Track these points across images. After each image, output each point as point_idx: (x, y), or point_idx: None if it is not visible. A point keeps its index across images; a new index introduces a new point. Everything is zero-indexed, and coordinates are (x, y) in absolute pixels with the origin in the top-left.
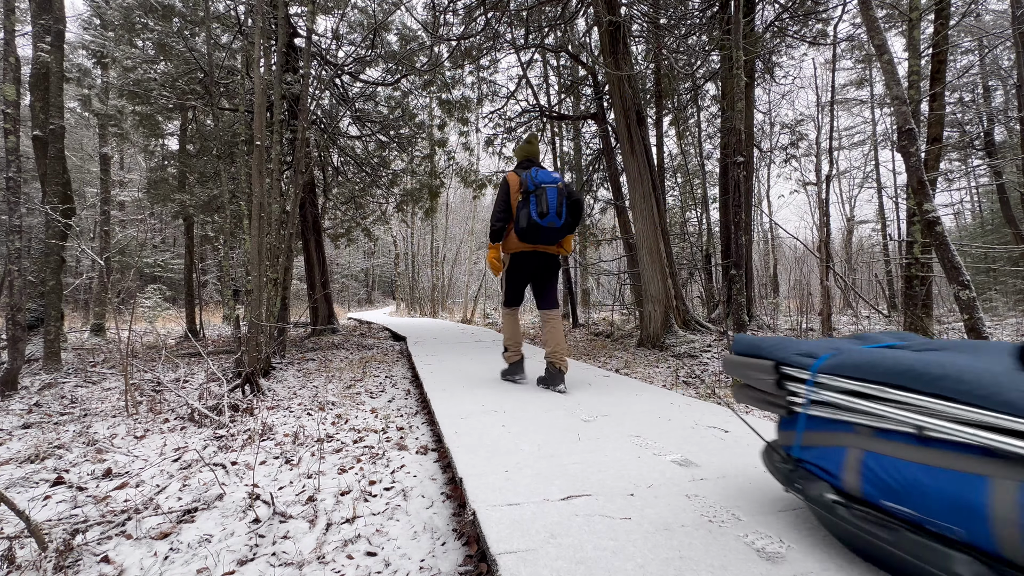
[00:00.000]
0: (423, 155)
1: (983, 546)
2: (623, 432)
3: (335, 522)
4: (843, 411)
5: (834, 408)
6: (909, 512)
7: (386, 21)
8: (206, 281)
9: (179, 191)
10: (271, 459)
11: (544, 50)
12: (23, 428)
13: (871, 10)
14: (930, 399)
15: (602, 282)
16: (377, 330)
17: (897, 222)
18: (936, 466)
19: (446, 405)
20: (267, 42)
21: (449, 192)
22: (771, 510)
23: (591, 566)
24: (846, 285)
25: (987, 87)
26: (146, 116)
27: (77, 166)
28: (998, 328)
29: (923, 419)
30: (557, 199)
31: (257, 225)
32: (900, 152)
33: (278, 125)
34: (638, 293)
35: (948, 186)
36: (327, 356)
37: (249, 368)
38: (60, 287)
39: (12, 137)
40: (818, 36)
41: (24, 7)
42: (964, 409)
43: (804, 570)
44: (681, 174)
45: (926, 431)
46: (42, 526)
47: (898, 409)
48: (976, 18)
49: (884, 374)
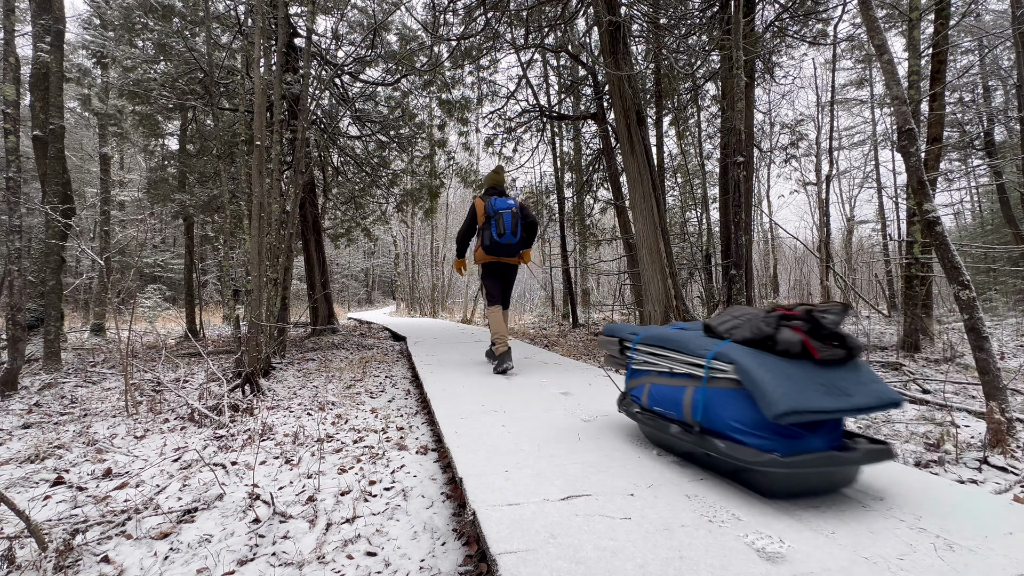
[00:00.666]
0: (423, 155)
1: (679, 419)
2: (623, 432)
3: (335, 522)
4: (644, 364)
5: (641, 363)
6: (662, 410)
7: (386, 21)
8: (206, 281)
9: (179, 191)
10: (271, 459)
11: (544, 50)
12: (23, 428)
13: (871, 10)
14: (672, 352)
15: (602, 282)
16: (377, 330)
17: (897, 222)
18: (671, 385)
19: (446, 405)
20: (267, 42)
21: (449, 192)
22: (771, 510)
23: (591, 566)
24: (846, 285)
25: (987, 87)
26: (146, 116)
27: (77, 166)
28: (998, 328)
29: (670, 363)
30: (512, 221)
31: (257, 225)
32: (900, 152)
33: (278, 125)
34: (638, 293)
35: (948, 186)
36: (327, 356)
37: (249, 368)
38: (60, 287)
39: (12, 137)
40: (818, 36)
41: (24, 7)
42: (680, 356)
43: (804, 570)
44: (681, 174)
45: (673, 369)
46: (42, 526)
47: (662, 360)
48: (976, 18)
49: (657, 339)
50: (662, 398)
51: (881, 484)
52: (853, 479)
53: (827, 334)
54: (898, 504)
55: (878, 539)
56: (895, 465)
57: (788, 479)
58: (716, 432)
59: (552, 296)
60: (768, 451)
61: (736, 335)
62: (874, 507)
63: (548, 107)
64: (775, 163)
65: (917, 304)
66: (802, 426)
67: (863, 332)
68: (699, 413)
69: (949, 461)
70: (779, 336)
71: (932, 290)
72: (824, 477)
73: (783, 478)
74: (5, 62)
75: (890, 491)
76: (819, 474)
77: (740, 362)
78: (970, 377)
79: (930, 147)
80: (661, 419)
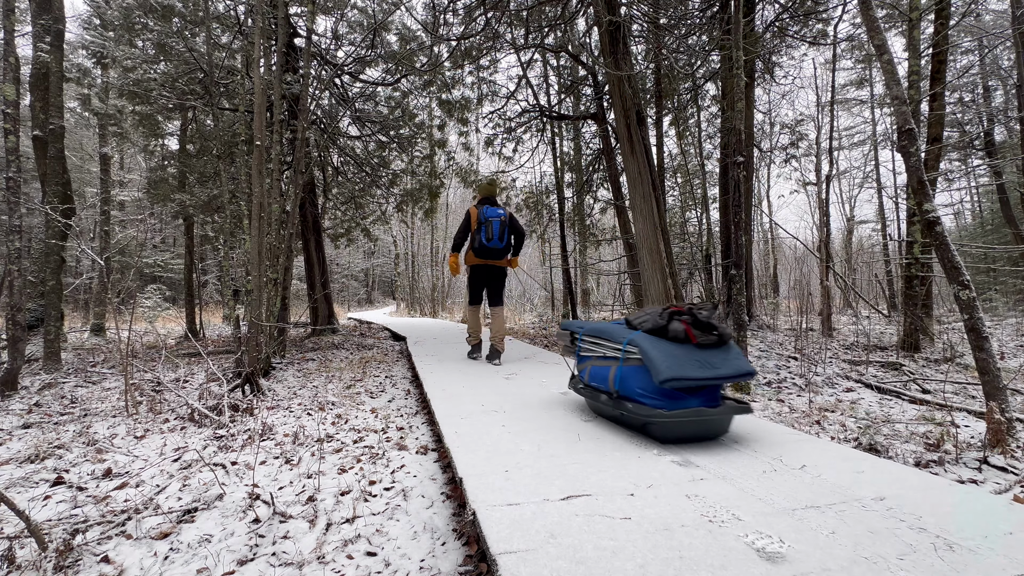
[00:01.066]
0: (423, 155)
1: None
2: (623, 432)
3: (335, 522)
4: (587, 351)
5: (586, 350)
6: (596, 385)
7: (386, 21)
8: (206, 281)
9: (179, 191)
10: (271, 459)
11: (544, 50)
12: (23, 428)
13: (871, 10)
14: (604, 340)
15: (602, 282)
16: (377, 330)
17: (897, 222)
18: (602, 366)
19: (446, 405)
20: (267, 42)
21: (449, 192)
22: (771, 510)
23: (591, 566)
24: (846, 285)
25: (987, 87)
26: (146, 116)
27: (77, 166)
28: (998, 328)
29: (603, 349)
30: (500, 228)
31: (257, 225)
32: (900, 152)
33: (278, 125)
34: (638, 293)
35: (948, 186)
36: (327, 356)
37: (249, 368)
38: (60, 287)
39: (12, 137)
40: (818, 36)
41: (24, 7)
42: (609, 343)
43: (804, 570)
44: (681, 174)
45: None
46: (42, 526)
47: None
48: (976, 18)
49: (596, 331)
50: (596, 375)
51: (881, 484)
52: (725, 429)
53: (704, 325)
54: (898, 504)
55: (878, 539)
56: (895, 465)
57: (671, 427)
58: (627, 397)
59: (552, 296)
60: (659, 408)
61: (644, 327)
62: (874, 507)
63: (548, 107)
64: (775, 163)
65: (917, 304)
66: (683, 391)
67: (863, 332)
68: (617, 384)
69: (949, 461)
70: (670, 327)
71: (932, 290)
72: (698, 426)
73: (668, 427)
74: (5, 62)
75: (890, 491)
76: (693, 423)
77: (642, 345)
78: (970, 377)
79: (930, 147)
80: (595, 391)
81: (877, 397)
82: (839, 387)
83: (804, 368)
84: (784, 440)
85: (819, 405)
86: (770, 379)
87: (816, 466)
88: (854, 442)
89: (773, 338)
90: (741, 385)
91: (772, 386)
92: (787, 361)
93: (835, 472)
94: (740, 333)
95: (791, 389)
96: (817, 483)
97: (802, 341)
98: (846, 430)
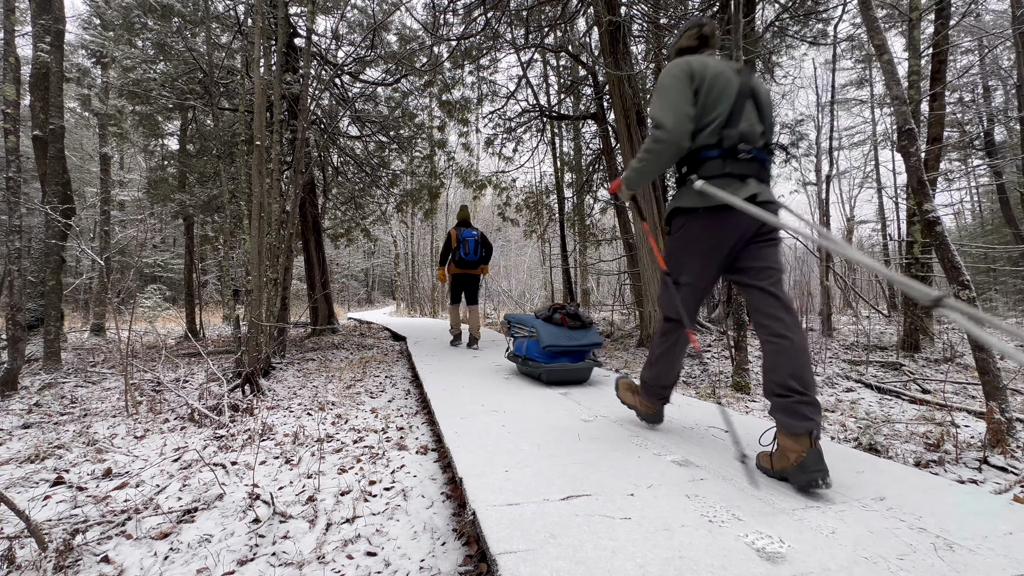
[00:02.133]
0: (423, 155)
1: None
2: (623, 432)
3: (335, 522)
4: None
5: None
6: (526, 354)
7: (386, 21)
8: (206, 281)
9: (179, 191)
10: (271, 459)
11: (544, 50)
12: (23, 428)
13: (871, 10)
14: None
15: (602, 282)
16: (377, 330)
17: (897, 222)
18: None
19: (446, 405)
20: (267, 42)
21: (449, 192)
22: (771, 510)
23: (591, 566)
24: (846, 285)
25: (987, 87)
26: (146, 116)
27: (77, 166)
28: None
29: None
30: (474, 245)
31: (257, 225)
32: (900, 152)
33: (278, 125)
34: (638, 293)
35: (948, 186)
36: (327, 356)
37: (249, 368)
38: (60, 287)
39: (12, 137)
40: (818, 36)
41: (24, 7)
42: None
43: (804, 570)
44: None
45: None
46: (42, 526)
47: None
48: (976, 18)
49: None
50: (518, 347)
51: (881, 484)
52: (586, 378)
53: (573, 315)
54: (898, 504)
55: (878, 539)
56: (895, 465)
57: (551, 374)
58: (530, 359)
59: (552, 296)
60: (543, 363)
61: (541, 316)
62: (874, 507)
63: (548, 107)
64: (775, 163)
65: (917, 304)
66: (559, 353)
67: (863, 332)
68: (526, 351)
69: (949, 461)
70: (553, 317)
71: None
72: (567, 374)
73: (550, 374)
74: (5, 62)
75: (890, 491)
76: (564, 372)
77: (536, 327)
78: (970, 377)
79: (930, 147)
80: (516, 357)
81: (877, 397)
82: (839, 387)
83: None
84: None
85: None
86: None
87: None
88: (854, 442)
89: None
90: (741, 385)
91: None
92: None
93: (835, 472)
94: (740, 333)
95: None
96: None
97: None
98: (846, 430)
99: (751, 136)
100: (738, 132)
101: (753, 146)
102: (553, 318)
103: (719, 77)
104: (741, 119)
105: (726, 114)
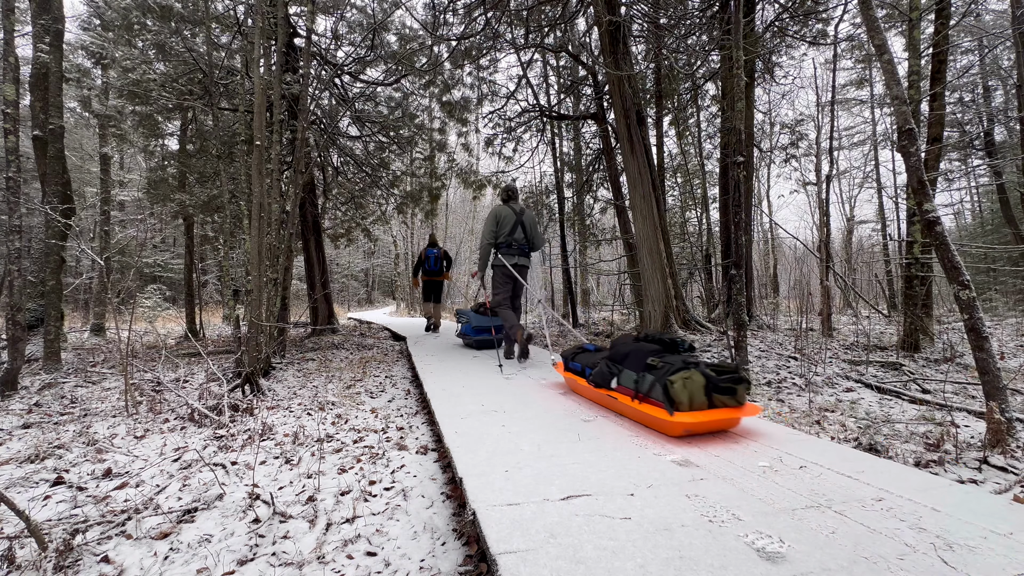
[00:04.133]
0: (423, 156)
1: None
2: (623, 432)
3: (335, 522)
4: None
5: (461, 319)
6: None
7: (386, 21)
8: (206, 281)
9: (179, 191)
10: (271, 459)
11: (544, 50)
12: (23, 428)
13: (871, 10)
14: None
15: (602, 282)
16: (377, 330)
17: (897, 222)
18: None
19: (446, 405)
20: (267, 42)
21: (449, 192)
22: (771, 510)
23: (591, 566)
24: (846, 285)
25: (987, 87)
26: (146, 116)
27: (77, 166)
28: (998, 328)
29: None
30: (435, 261)
31: (257, 225)
32: (900, 152)
33: (278, 125)
34: (638, 293)
35: (948, 186)
36: (327, 356)
37: (249, 368)
38: (60, 287)
39: (12, 137)
40: (818, 36)
41: (24, 7)
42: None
43: (804, 570)
44: (681, 174)
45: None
46: (42, 526)
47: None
48: (976, 18)
49: (465, 312)
50: (464, 329)
51: (881, 484)
52: (497, 345)
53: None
54: (897, 504)
55: (878, 539)
56: (895, 465)
57: (477, 344)
58: (466, 335)
59: (552, 296)
60: (473, 337)
61: (472, 310)
62: (874, 507)
63: (548, 107)
64: (775, 163)
65: (917, 304)
66: (482, 330)
67: (863, 332)
68: (466, 330)
69: (949, 461)
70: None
71: (932, 290)
72: (486, 344)
73: (477, 344)
74: (5, 62)
75: (889, 491)
76: (484, 342)
77: (469, 315)
78: (970, 377)
79: (930, 147)
80: (463, 335)
81: (877, 397)
82: (839, 387)
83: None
84: (784, 440)
85: (819, 405)
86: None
87: (816, 466)
88: (854, 442)
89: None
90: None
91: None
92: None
93: (835, 472)
94: (740, 333)
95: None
96: (817, 483)
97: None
98: (846, 430)
99: (519, 239)
100: (512, 238)
101: (519, 243)
102: (479, 311)
103: (508, 216)
104: (515, 232)
105: (507, 231)
